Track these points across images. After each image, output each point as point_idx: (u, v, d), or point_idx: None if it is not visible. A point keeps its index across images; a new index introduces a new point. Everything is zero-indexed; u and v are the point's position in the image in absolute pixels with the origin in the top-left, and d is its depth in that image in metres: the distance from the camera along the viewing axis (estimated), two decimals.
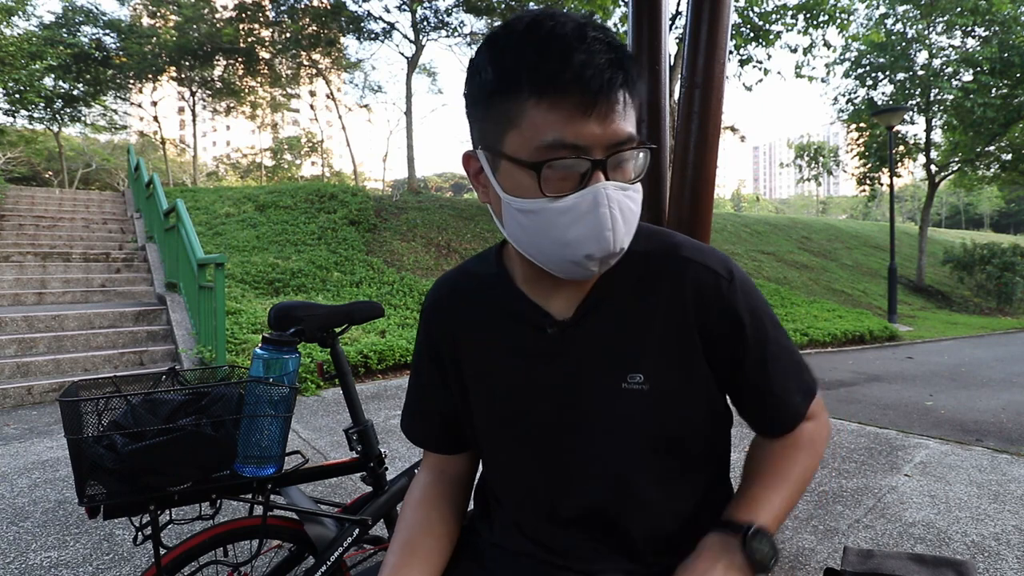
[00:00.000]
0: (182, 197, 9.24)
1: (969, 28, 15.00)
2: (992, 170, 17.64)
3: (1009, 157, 16.83)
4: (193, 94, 20.40)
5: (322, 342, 1.34)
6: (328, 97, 22.79)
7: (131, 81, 18.59)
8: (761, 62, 12.58)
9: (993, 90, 14.74)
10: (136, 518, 1.05)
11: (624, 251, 0.59)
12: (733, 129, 20.37)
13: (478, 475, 0.84)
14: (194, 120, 21.49)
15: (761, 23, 11.71)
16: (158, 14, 18.51)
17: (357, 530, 1.24)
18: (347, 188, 12.36)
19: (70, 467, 1.92)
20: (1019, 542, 2.29)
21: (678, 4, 11.05)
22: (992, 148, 16.54)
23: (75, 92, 17.30)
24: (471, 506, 0.84)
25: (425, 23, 16.10)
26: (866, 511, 2.54)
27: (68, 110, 17.79)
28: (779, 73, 13.75)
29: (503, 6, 14.10)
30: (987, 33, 14.76)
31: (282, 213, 10.12)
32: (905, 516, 2.50)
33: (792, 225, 18.43)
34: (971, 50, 15.10)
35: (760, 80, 13.52)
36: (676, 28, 11.15)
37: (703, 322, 0.66)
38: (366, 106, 22.31)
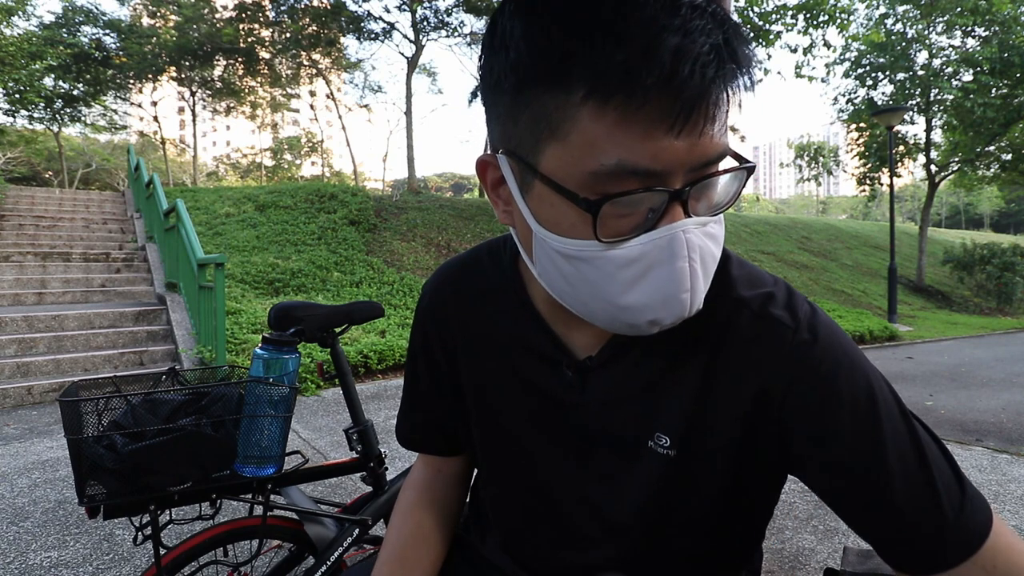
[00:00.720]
0: (182, 197, 9.24)
1: (969, 28, 15.01)
2: (992, 170, 17.63)
3: (1009, 157, 16.83)
4: (193, 94, 20.42)
5: (322, 342, 1.34)
6: (328, 97, 22.81)
7: (131, 81, 18.61)
8: (761, 62, 12.58)
9: (993, 90, 14.74)
10: (136, 518, 1.05)
11: (694, 309, 0.44)
12: (733, 129, 20.38)
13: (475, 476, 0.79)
14: (194, 120, 21.51)
15: (761, 23, 11.71)
16: (158, 14, 18.53)
17: (357, 530, 1.25)
18: (347, 188, 12.37)
19: (70, 467, 1.92)
20: None
21: None
22: (992, 148, 16.54)
23: (75, 92, 17.32)
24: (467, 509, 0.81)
25: (425, 23, 16.11)
26: None
27: (68, 110, 17.81)
28: (779, 73, 13.79)
29: None
30: (987, 33, 14.76)
31: (282, 213, 10.13)
32: None
33: (792, 225, 18.44)
34: (971, 50, 15.10)
35: (760, 80, 13.50)
36: None
37: (764, 390, 0.49)
38: (366, 106, 22.32)
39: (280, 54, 18.55)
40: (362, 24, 16.19)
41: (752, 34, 11.88)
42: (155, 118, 23.25)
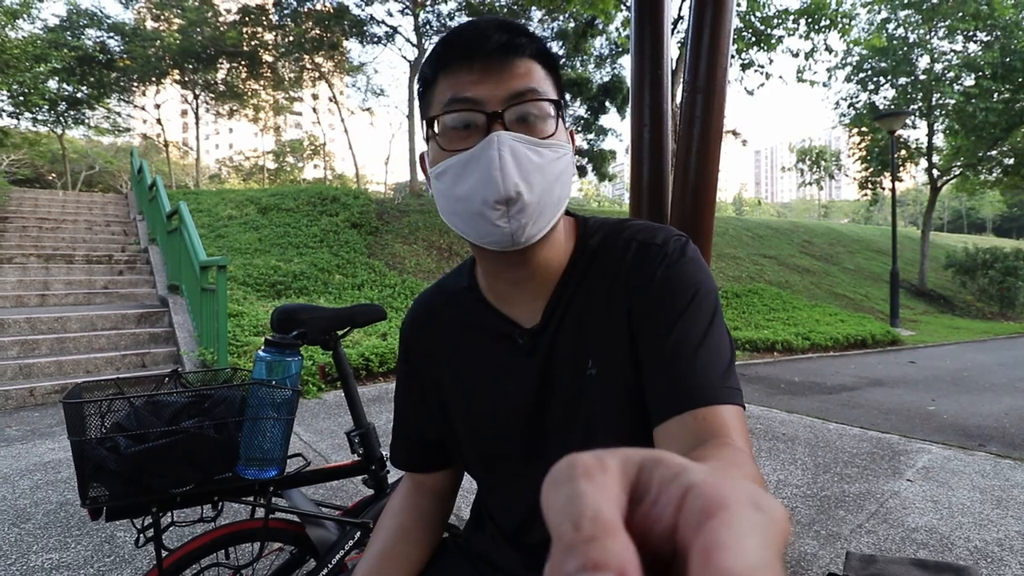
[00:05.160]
0: (185, 199, 9.26)
1: (971, 33, 15.02)
2: (994, 175, 17.59)
3: (1011, 162, 16.78)
4: (196, 97, 20.48)
5: (324, 345, 1.34)
6: (331, 100, 22.86)
7: (135, 84, 18.68)
8: (763, 66, 12.60)
9: (995, 95, 14.73)
10: (138, 520, 1.05)
11: (523, 198, 0.57)
12: (735, 133, 20.39)
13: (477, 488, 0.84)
14: (197, 123, 21.57)
15: (763, 28, 11.73)
16: (162, 17, 18.61)
17: (359, 533, 1.24)
18: (349, 191, 12.39)
19: (71, 469, 1.92)
20: (1022, 548, 2.28)
21: (680, 8, 11.08)
22: (994, 152, 16.52)
23: (79, 95, 17.38)
24: (452, 520, 0.85)
25: (427, 27, 16.16)
26: (868, 516, 2.53)
27: (72, 113, 17.87)
28: (781, 77, 13.75)
29: (505, 10, 14.15)
30: (989, 38, 14.77)
31: (284, 216, 10.16)
32: (908, 521, 2.49)
33: (794, 229, 18.42)
34: (973, 55, 15.10)
35: (762, 84, 13.55)
36: (678, 32, 11.17)
37: (635, 297, 0.63)
38: (368, 109, 22.40)
39: (283, 57, 18.62)
40: (365, 28, 16.27)
41: (754, 38, 11.91)
42: (158, 121, 23.31)
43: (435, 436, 0.78)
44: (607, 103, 15.03)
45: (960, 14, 14.04)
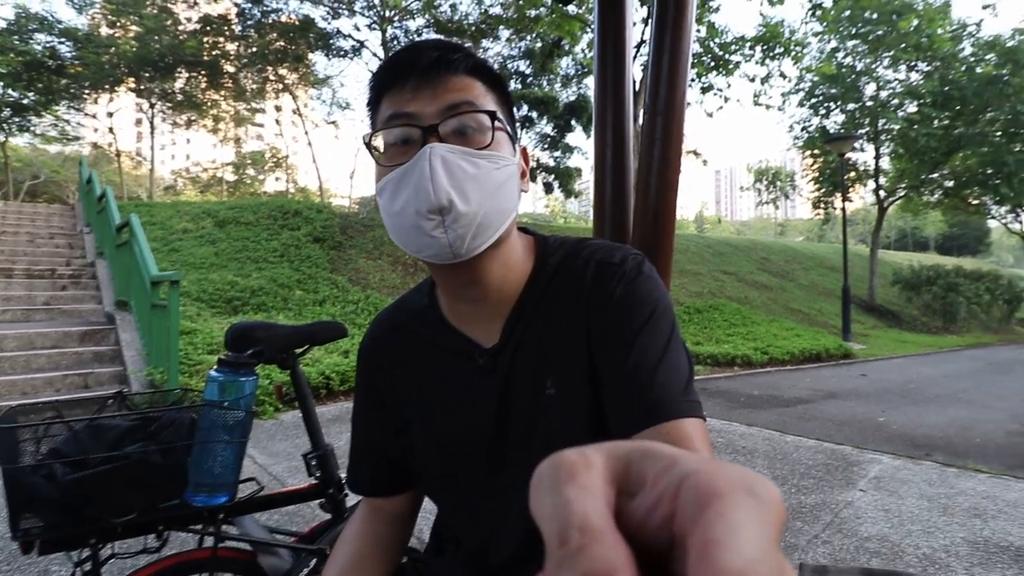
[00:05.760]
0: (137, 211, 8.92)
1: (913, 63, 16.00)
2: (936, 196, 18.70)
3: (951, 184, 17.90)
4: (152, 106, 19.88)
5: (282, 363, 1.30)
6: (294, 112, 22.54)
7: (86, 91, 18.00)
8: (721, 90, 13.09)
9: (935, 121, 15.70)
10: (75, 553, 0.99)
11: (457, 208, 0.57)
12: (696, 153, 21.03)
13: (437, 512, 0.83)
14: (152, 132, 20.91)
15: (721, 53, 12.22)
16: (118, 24, 18.06)
17: (314, 560, 1.20)
18: (312, 204, 12.18)
19: (2, 499, 1.79)
20: (967, 553, 2.37)
21: (643, 32, 11.44)
22: (935, 175, 17.56)
23: (25, 101, 16.63)
24: (413, 543, 0.84)
25: (395, 42, 16.19)
26: (824, 527, 2.60)
27: (16, 119, 17.07)
28: (738, 101, 14.35)
29: (473, 28, 14.31)
30: (929, 68, 15.77)
31: (243, 229, 9.88)
32: (861, 531, 2.57)
33: (752, 246, 19.04)
34: (915, 83, 16.10)
35: (720, 107, 14.13)
36: (641, 56, 11.53)
37: (594, 315, 0.64)
38: (333, 122, 22.13)
39: (245, 68, 18.30)
40: (331, 41, 16.17)
41: (713, 63, 12.38)
42: (110, 129, 22.49)
43: (396, 457, 0.76)
44: (573, 122, 15.33)
45: (903, 45, 14.95)
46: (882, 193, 17.81)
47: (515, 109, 0.70)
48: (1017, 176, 16.07)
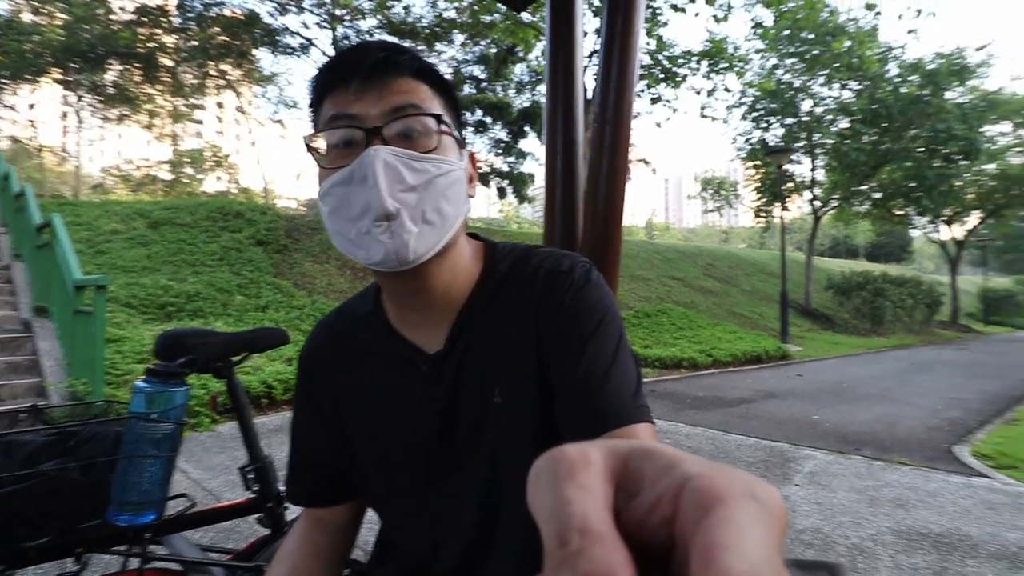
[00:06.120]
0: (60, 211, 8.33)
1: (845, 82, 17.05)
2: (865, 207, 19.97)
3: (879, 196, 19.18)
4: (80, 99, 18.69)
5: (217, 372, 1.24)
6: (238, 110, 21.70)
7: (5, 81, 16.73)
8: (670, 101, 13.53)
9: (864, 136, 16.79)
10: None
11: (402, 214, 0.56)
12: (646, 162, 21.63)
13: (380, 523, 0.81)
14: (79, 127, 19.65)
15: (670, 66, 12.62)
16: (43, 10, 16.88)
17: None
18: (255, 206, 11.75)
19: None
20: (892, 542, 2.52)
21: (596, 43, 11.69)
22: (864, 188, 18.76)
23: None
24: (358, 554, 0.81)
25: (346, 42, 15.86)
26: None
27: None
28: (686, 112, 14.88)
29: (427, 31, 14.21)
30: (860, 87, 16.84)
31: (179, 231, 9.40)
32: (796, 523, 2.69)
33: (699, 253, 19.71)
34: (847, 101, 17.15)
35: (669, 118, 14.56)
36: (594, 65, 11.76)
37: (543, 324, 0.64)
38: (279, 122, 21.38)
39: (184, 62, 17.47)
40: (277, 38, 15.67)
41: (663, 76, 12.78)
42: (32, 123, 20.98)
43: (336, 466, 0.74)
44: (527, 128, 15.44)
45: (836, 65, 15.90)
46: (817, 203, 18.86)
47: (467, 114, 0.69)
48: (936, 189, 17.45)
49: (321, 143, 0.61)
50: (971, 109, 17.13)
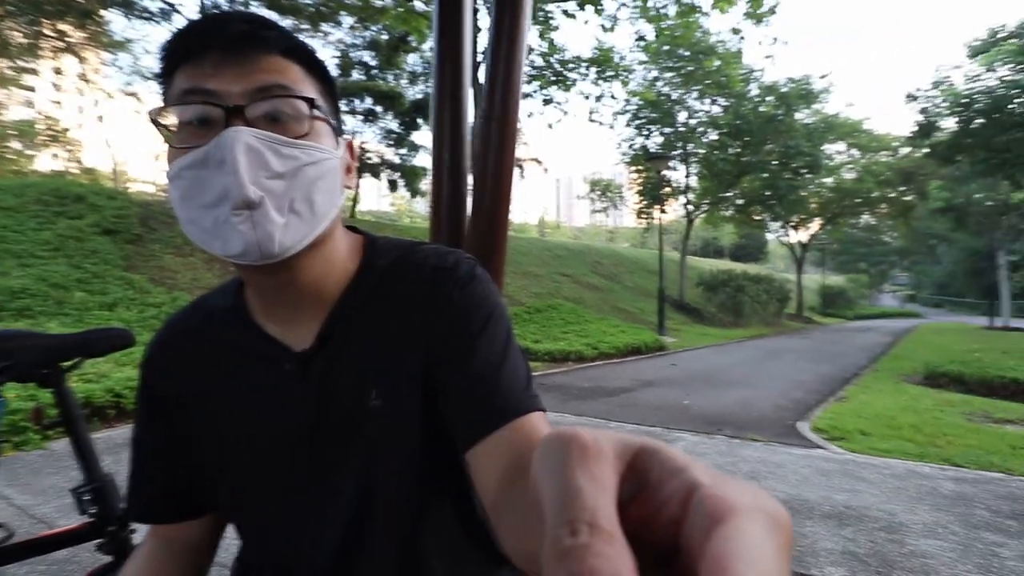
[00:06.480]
0: None
1: (714, 98, 18.80)
2: (729, 212, 22.19)
3: (741, 202, 21.43)
4: None
5: (43, 381, 1.07)
6: (81, 78, 18.93)
7: None
8: (561, 103, 14.03)
9: (730, 149, 18.68)
10: None
11: (266, 203, 0.52)
12: (538, 161, 22.25)
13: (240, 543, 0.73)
14: None
15: (561, 69, 13.07)
16: None
17: None
18: (101, 189, 10.37)
19: None
20: None
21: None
22: (730, 194, 20.86)
23: None
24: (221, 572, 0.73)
25: (215, 12, 14.49)
26: None
27: None
28: (576, 116, 15.51)
29: (312, 10, 13.41)
30: (727, 104, 18.65)
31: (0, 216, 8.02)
32: None
33: (587, 251, 20.67)
34: (716, 115, 18.94)
35: (560, 120, 15.11)
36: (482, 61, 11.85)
37: (429, 322, 0.62)
38: (134, 94, 18.86)
39: (10, 18, 14.95)
40: (132, 1, 13.94)
41: (554, 78, 13.20)
42: None
43: (187, 476, 0.67)
44: (419, 119, 15.19)
45: (708, 82, 17.47)
46: (690, 207, 20.65)
47: (356, 101, 0.64)
48: (787, 198, 19.97)
49: (172, 119, 0.54)
50: (815, 129, 19.72)
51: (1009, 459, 3.72)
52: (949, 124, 15.70)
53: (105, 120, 17.94)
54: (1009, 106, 13.45)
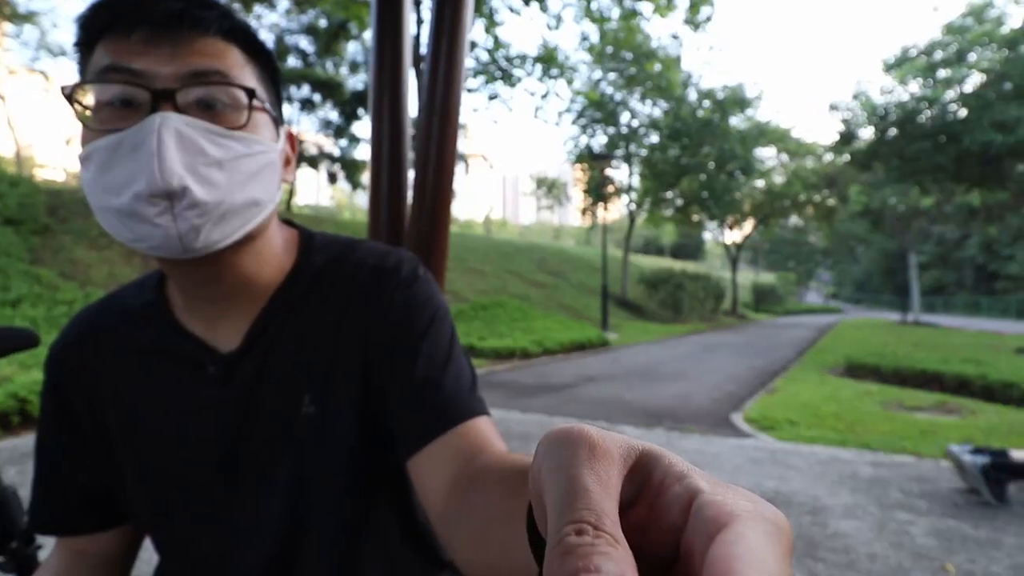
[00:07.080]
0: None
1: (656, 101, 19.40)
2: (669, 211, 22.99)
3: (680, 203, 22.24)
4: None
5: None
6: None
7: None
8: (506, 100, 14.05)
9: (670, 150, 19.34)
10: None
11: (193, 195, 0.48)
12: (484, 158, 22.22)
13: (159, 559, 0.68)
14: None
15: (506, 66, 13.09)
16: None
17: None
18: (2, 175, 9.51)
19: None
20: None
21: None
22: (670, 195, 21.60)
23: None
24: None
25: None
26: None
27: None
28: (522, 113, 15.57)
29: None
30: (667, 106, 19.29)
31: None
32: None
33: (533, 248, 20.87)
34: (657, 118, 19.55)
35: (505, 116, 15.15)
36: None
37: (370, 323, 0.60)
38: (42, 72, 17.33)
39: None
40: None
41: (500, 74, 13.20)
42: None
43: (97, 486, 0.62)
44: (360, 110, 14.82)
45: (649, 84, 18.00)
46: (632, 206, 21.21)
47: (293, 88, 0.59)
48: (722, 200, 20.87)
49: (89, 97, 0.50)
50: (748, 134, 20.73)
51: (919, 443, 4.04)
52: (867, 133, 16.90)
53: (7, 99, 16.29)
54: (919, 118, 14.60)
